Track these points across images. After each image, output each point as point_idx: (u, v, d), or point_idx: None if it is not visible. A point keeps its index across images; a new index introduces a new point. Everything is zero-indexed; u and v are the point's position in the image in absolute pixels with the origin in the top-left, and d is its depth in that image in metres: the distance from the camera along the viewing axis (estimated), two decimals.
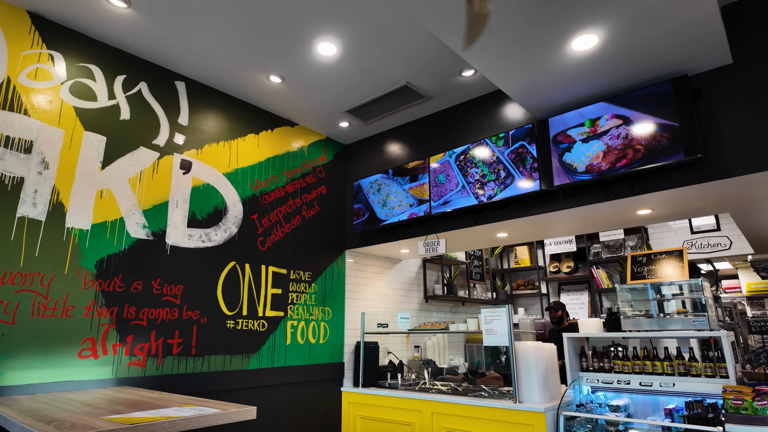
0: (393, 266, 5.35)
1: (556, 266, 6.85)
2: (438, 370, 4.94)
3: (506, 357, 5.45)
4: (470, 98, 4.10)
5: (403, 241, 4.40)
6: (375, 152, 4.74)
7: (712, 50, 2.69)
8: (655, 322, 3.35)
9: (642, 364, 3.35)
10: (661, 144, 2.84)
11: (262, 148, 4.21)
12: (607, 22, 2.48)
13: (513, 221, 3.74)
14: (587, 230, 4.23)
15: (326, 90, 3.95)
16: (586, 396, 3.48)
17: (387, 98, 4.05)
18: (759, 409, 2.42)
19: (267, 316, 3.94)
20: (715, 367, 3.05)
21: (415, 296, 5.62)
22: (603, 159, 3.09)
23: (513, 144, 3.61)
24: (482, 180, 3.72)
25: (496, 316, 3.58)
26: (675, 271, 3.39)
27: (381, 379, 4.46)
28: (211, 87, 3.93)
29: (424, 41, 3.29)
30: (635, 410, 3.44)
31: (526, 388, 3.36)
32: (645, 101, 2.96)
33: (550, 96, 3.25)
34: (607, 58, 2.80)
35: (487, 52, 2.76)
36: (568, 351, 3.59)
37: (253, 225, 3.99)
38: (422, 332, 4.59)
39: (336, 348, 4.48)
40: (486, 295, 6.56)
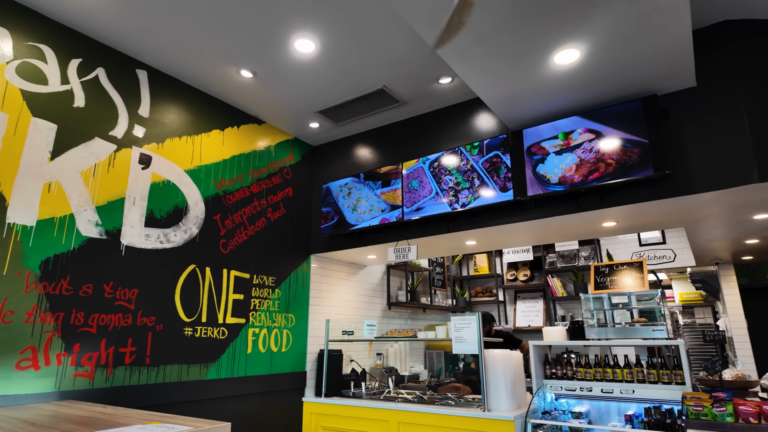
0: (358, 272, 5.26)
1: (513, 274, 7.02)
2: (400, 378, 4.88)
3: (464, 364, 5.50)
4: (446, 105, 4.11)
5: (372, 246, 4.32)
6: (345, 155, 4.65)
7: (679, 73, 2.85)
8: (615, 331, 3.48)
9: (603, 372, 3.46)
10: (631, 159, 2.96)
11: (227, 146, 4.00)
12: (589, 38, 2.55)
13: (484, 229, 3.77)
14: (550, 240, 4.35)
15: (299, 88, 3.82)
16: (551, 403, 3.55)
17: (361, 101, 3.98)
18: (718, 415, 2.55)
19: (228, 323, 3.73)
20: (671, 374, 3.20)
21: (379, 303, 5.55)
22: (576, 171, 3.18)
23: (487, 153, 3.65)
24: (456, 188, 3.73)
25: (466, 324, 3.58)
26: (635, 281, 3.55)
27: (344, 388, 4.34)
28: (175, 78, 3.69)
29: (404, 46, 3.26)
30: (596, 416, 3.55)
31: (494, 397, 3.38)
32: (617, 117, 3.08)
33: (527, 107, 3.32)
34: (584, 74, 2.89)
35: (471, 60, 2.76)
36: (534, 359, 3.65)
37: (215, 226, 3.77)
38: (390, 340, 4.52)
39: (299, 356, 4.32)
40: (447, 302, 6.60)
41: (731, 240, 4.34)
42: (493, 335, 5.16)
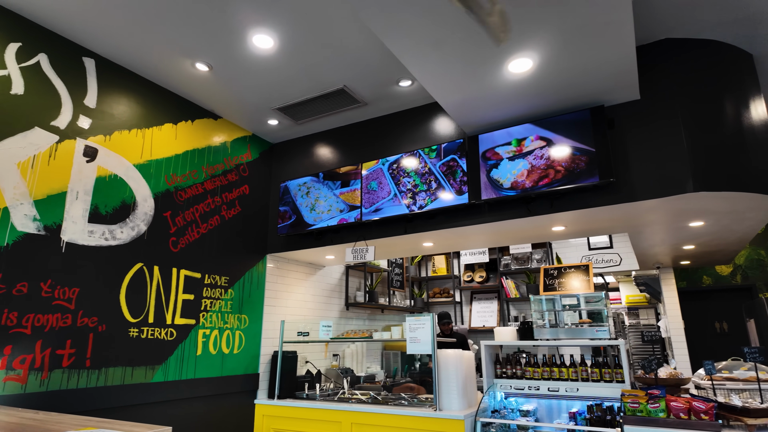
0: (315, 272, 5.21)
1: (469, 276, 7.16)
2: (356, 378, 4.88)
3: (420, 364, 5.56)
4: (406, 108, 4.14)
5: (330, 246, 4.30)
6: (305, 154, 4.60)
7: (624, 86, 2.99)
8: (562, 331, 3.61)
9: (550, 371, 3.59)
10: (579, 167, 3.09)
11: (180, 140, 3.87)
12: (541, 49, 2.64)
13: (440, 231, 3.83)
14: (504, 243, 4.46)
15: (257, 84, 3.75)
16: (500, 402, 3.65)
17: (321, 100, 3.95)
18: (652, 411, 2.69)
19: (176, 324, 3.60)
20: (612, 373, 3.36)
21: (336, 303, 5.52)
22: (527, 177, 3.28)
23: (445, 157, 3.70)
24: (414, 190, 3.76)
25: (420, 324, 3.63)
26: (581, 284, 3.70)
27: (298, 389, 4.29)
28: (125, 68, 3.54)
29: (365, 47, 3.26)
30: (544, 414, 3.68)
31: (446, 396, 3.43)
32: (566, 126, 3.20)
33: (483, 114, 3.39)
34: (537, 83, 2.99)
35: (429, 64, 2.80)
36: (485, 358, 3.74)
37: (165, 223, 3.64)
38: (346, 341, 4.51)
39: (251, 358, 4.23)
40: (405, 303, 6.65)
41: (670, 245, 4.61)
42: (449, 335, 5.26)
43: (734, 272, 6.91)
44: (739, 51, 3.27)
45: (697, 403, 2.63)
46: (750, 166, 3.01)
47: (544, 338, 3.64)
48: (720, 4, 2.85)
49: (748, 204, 3.17)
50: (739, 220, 3.57)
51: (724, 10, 2.90)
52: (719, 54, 3.20)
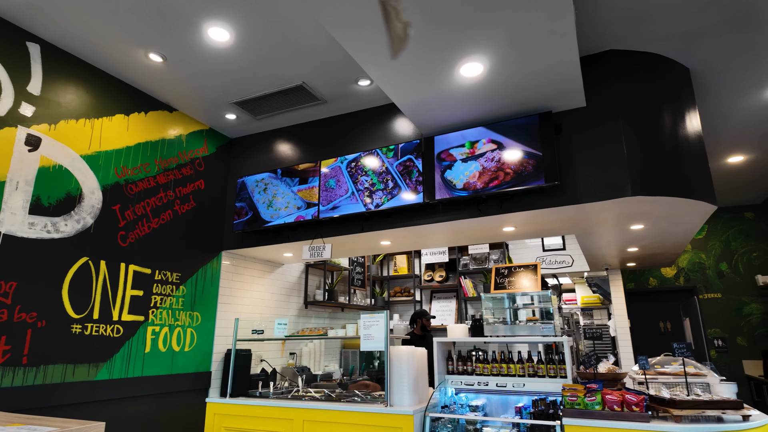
0: (274, 270, 5.17)
1: (429, 275, 7.27)
2: (313, 377, 4.87)
3: (379, 362, 5.61)
4: (365, 107, 4.17)
5: (287, 244, 4.28)
6: (263, 150, 4.56)
7: (570, 93, 3.13)
8: (511, 328, 3.73)
9: (499, 367, 3.70)
10: (527, 170, 3.20)
11: (133, 132, 3.77)
12: (490, 54, 2.73)
13: (397, 230, 3.88)
14: (460, 242, 4.57)
15: (214, 77, 3.70)
16: (450, 397, 3.73)
17: (280, 95, 3.93)
18: (589, 404, 2.83)
19: (123, 321, 3.51)
20: (557, 369, 3.50)
21: (295, 301, 5.49)
22: (478, 179, 3.38)
23: (402, 157, 3.76)
24: (371, 188, 3.80)
25: (374, 322, 3.66)
26: (530, 283, 3.83)
27: (252, 388, 4.25)
28: (74, 55, 3.41)
29: (324, 44, 3.28)
30: (492, 409, 3.79)
31: (397, 392, 3.48)
32: (516, 130, 3.31)
33: (438, 116, 3.47)
34: (488, 88, 3.08)
35: (384, 66, 2.84)
36: (437, 355, 3.81)
37: (113, 217, 3.53)
38: (300, 338, 4.49)
39: (203, 356, 4.16)
40: (365, 302, 6.68)
41: (617, 247, 4.83)
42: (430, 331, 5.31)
43: (678, 274, 7.30)
44: (677, 65, 3.47)
45: (629, 395, 2.78)
46: (684, 173, 3.20)
47: (494, 335, 3.75)
48: (660, 19, 3.03)
49: (683, 209, 3.38)
50: (675, 223, 3.79)
51: (663, 25, 3.08)
52: (659, 67, 3.39)
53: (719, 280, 7.05)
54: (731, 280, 6.98)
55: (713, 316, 6.96)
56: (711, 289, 7.06)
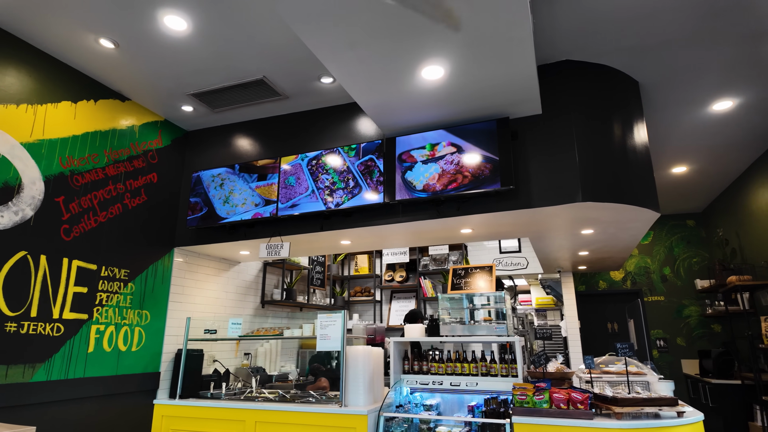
0: (230, 268, 5.04)
1: (390, 275, 7.30)
2: (267, 377, 4.79)
3: (337, 362, 5.57)
4: (328, 105, 4.14)
5: (244, 241, 4.18)
6: (221, 144, 4.43)
7: (527, 100, 3.22)
8: (466, 328, 3.80)
9: (453, 366, 3.76)
10: (484, 173, 3.27)
11: (80, 120, 3.58)
12: (450, 58, 2.77)
13: (357, 230, 3.87)
14: (420, 243, 4.61)
15: (170, 67, 3.57)
16: (405, 397, 3.76)
17: (240, 89, 3.84)
18: (537, 402, 2.92)
19: (65, 319, 3.32)
20: (509, 368, 3.59)
21: (252, 301, 5.38)
22: (438, 181, 3.42)
23: (363, 156, 3.75)
24: (332, 187, 3.77)
25: (331, 321, 3.64)
26: (485, 284, 3.91)
27: (204, 389, 4.13)
28: (16, 36, 3.20)
29: (286, 39, 3.22)
30: (446, 408, 3.84)
31: (352, 392, 3.47)
32: (475, 134, 3.38)
33: (400, 117, 3.48)
34: (449, 92, 3.12)
35: (346, 64, 2.82)
36: (393, 355, 3.83)
37: (57, 209, 3.34)
38: (254, 338, 4.40)
39: (152, 356, 4.00)
40: (325, 301, 6.63)
41: (568, 251, 5.02)
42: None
43: (625, 278, 7.66)
44: (627, 77, 3.64)
45: (575, 394, 2.89)
46: (631, 182, 3.36)
47: (449, 335, 3.80)
48: (612, 33, 3.16)
49: (629, 215, 3.54)
50: (622, 229, 3.98)
51: (615, 39, 3.22)
52: (611, 78, 3.54)
53: (662, 283, 7.45)
54: (673, 284, 7.40)
55: (656, 317, 7.35)
56: (655, 292, 7.45)
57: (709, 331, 7.08)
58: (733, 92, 3.91)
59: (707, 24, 3.07)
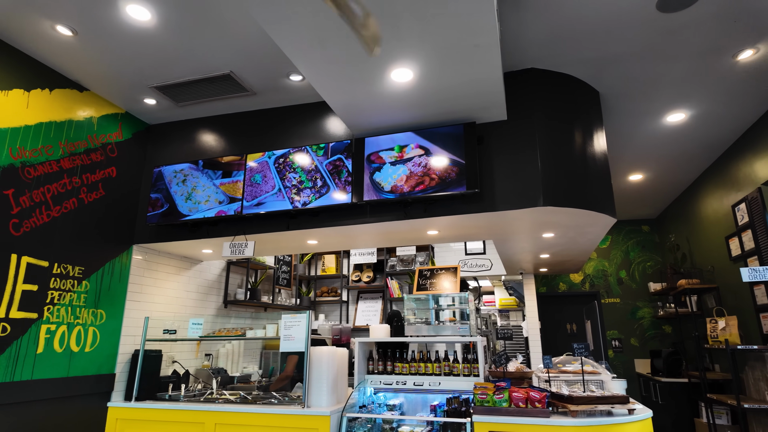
0: (191, 267, 4.91)
1: (357, 275, 7.29)
2: (229, 378, 4.69)
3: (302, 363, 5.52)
4: (297, 103, 4.10)
5: (207, 240, 4.09)
6: (185, 139, 4.32)
7: (493, 106, 3.29)
8: (431, 328, 3.85)
9: (417, 366, 3.80)
10: (450, 176, 3.32)
11: (33, 110, 3.40)
12: (419, 62, 2.80)
13: (324, 229, 3.85)
14: (388, 244, 4.63)
15: (132, 58, 3.44)
16: (369, 397, 3.77)
17: (206, 83, 3.75)
18: (497, 401, 2.98)
19: (12, 318, 3.15)
20: (471, 368, 3.65)
21: (214, 300, 5.26)
22: (405, 182, 3.45)
23: (332, 156, 3.74)
24: (299, 186, 3.74)
25: (296, 322, 3.61)
26: (450, 285, 3.97)
27: (162, 390, 4.00)
28: None
29: (255, 34, 3.17)
30: (409, 408, 3.87)
31: (315, 393, 3.45)
32: (443, 138, 3.42)
33: (370, 118, 3.49)
34: (418, 94, 3.16)
35: (316, 63, 2.81)
36: (358, 355, 3.83)
37: (5, 202, 3.17)
38: (215, 339, 4.30)
39: (107, 357, 3.85)
40: (290, 301, 6.56)
41: (530, 253, 5.16)
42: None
43: (584, 280, 7.94)
44: (589, 87, 3.78)
45: (533, 393, 2.98)
46: (589, 188, 3.49)
47: (414, 335, 3.84)
48: (575, 44, 3.28)
49: (587, 220, 3.68)
50: (581, 233, 4.12)
51: (578, 50, 3.34)
52: (574, 88, 3.66)
53: (618, 286, 7.76)
54: (628, 287, 7.72)
55: (612, 319, 7.65)
56: (611, 294, 7.76)
57: (660, 332, 7.43)
58: (685, 105, 4.12)
59: (663, 40, 3.23)
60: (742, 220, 4.81)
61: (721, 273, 5.46)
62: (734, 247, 5.06)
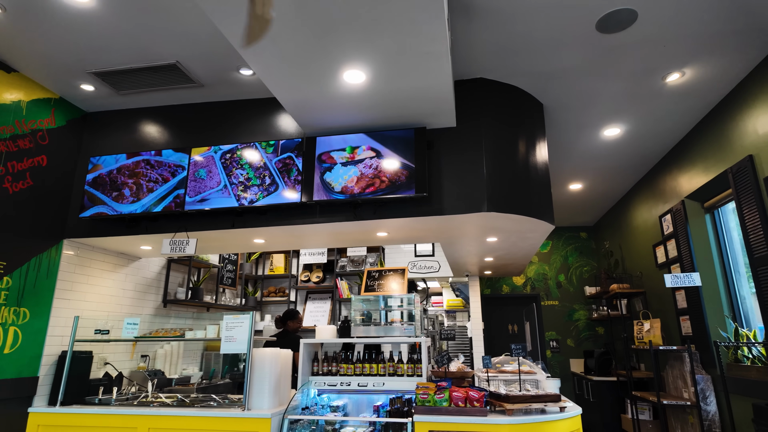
0: (129, 264, 4.66)
1: (307, 276, 7.21)
2: (167, 381, 4.50)
3: (245, 365, 5.38)
4: (247, 98, 4.00)
5: (146, 236, 3.90)
6: (126, 129, 4.10)
7: (443, 112, 3.37)
8: (377, 329, 3.87)
9: (362, 367, 3.81)
10: (400, 180, 3.37)
11: None
12: (371, 65, 2.82)
13: (272, 228, 3.78)
14: (338, 245, 4.62)
15: (69, 41, 3.23)
16: (313, 399, 3.74)
17: (150, 72, 3.58)
18: (438, 401, 3.05)
19: None
20: (414, 368, 3.71)
21: (153, 300, 5.02)
22: (356, 184, 3.46)
23: (282, 153, 3.68)
24: (246, 183, 3.65)
25: (238, 323, 3.51)
26: (398, 286, 4.02)
27: (92, 394, 3.77)
28: None
29: (204, 24, 3.07)
30: (353, 409, 3.88)
31: (257, 395, 3.38)
32: (394, 141, 3.46)
33: (322, 117, 3.47)
34: (370, 97, 3.18)
35: (266, 58, 2.76)
36: (303, 356, 3.79)
37: None
38: (152, 340, 4.11)
39: (30, 359, 3.58)
40: (235, 301, 6.38)
41: (476, 256, 5.32)
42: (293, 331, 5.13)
43: (526, 283, 8.28)
44: (534, 99, 3.95)
45: (472, 392, 3.07)
46: (531, 195, 3.65)
47: (360, 336, 3.85)
48: (522, 57, 3.41)
49: (528, 226, 3.84)
50: (522, 238, 4.30)
51: (525, 62, 3.48)
52: (519, 99, 3.82)
53: (557, 289, 8.16)
54: (566, 290, 8.13)
55: (550, 320, 8.03)
56: (551, 297, 8.14)
57: (594, 334, 7.88)
58: (620, 121, 4.40)
59: (602, 59, 3.43)
60: (667, 230, 5.20)
61: (648, 278, 5.88)
62: (660, 254, 5.46)
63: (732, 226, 4.51)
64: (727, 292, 4.46)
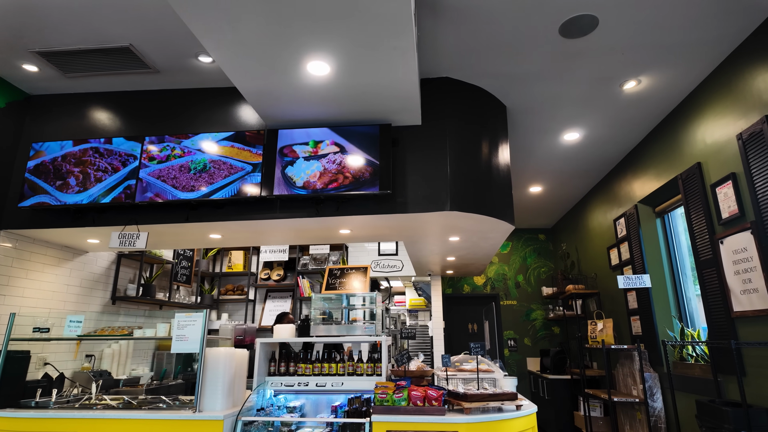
0: (74, 258, 4.39)
1: (267, 273, 7.04)
2: (113, 382, 4.27)
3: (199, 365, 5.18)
4: (206, 86, 3.84)
5: (93, 228, 3.68)
6: (74, 114, 3.85)
7: (408, 110, 3.35)
8: (338, 328, 3.80)
9: (321, 367, 3.73)
10: (364, 176, 3.32)
11: None
12: (335, 57, 2.75)
13: (229, 223, 3.65)
14: (299, 241, 4.51)
15: (8, 16, 2.99)
16: (268, 400, 3.63)
17: (100, 54, 3.37)
18: (396, 400, 3.02)
19: None
20: (374, 367, 3.67)
21: (100, 296, 4.75)
22: (319, 179, 3.38)
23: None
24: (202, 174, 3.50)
25: (190, 322, 3.36)
26: (360, 284, 3.96)
27: (29, 397, 3.51)
28: None
29: (161, 6, 2.91)
30: (312, 409, 3.79)
31: (210, 396, 3.25)
32: (359, 137, 3.41)
33: (284, 109, 3.37)
34: (335, 90, 3.11)
35: (226, 45, 2.64)
36: (259, 356, 3.67)
37: None
38: (98, 339, 3.88)
39: None
40: (190, 299, 6.14)
41: (438, 255, 5.34)
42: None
43: (486, 283, 8.42)
44: (497, 101, 4.00)
45: (431, 391, 3.06)
46: (492, 196, 3.68)
47: (319, 335, 3.77)
48: (486, 59, 3.43)
49: (489, 226, 3.88)
50: (483, 238, 4.34)
51: (489, 64, 3.51)
52: (483, 100, 3.85)
53: (516, 289, 8.34)
54: (525, 290, 8.32)
55: (509, 320, 8.19)
56: (510, 296, 8.31)
57: (550, 333, 8.09)
58: (579, 125, 4.52)
59: (563, 63, 3.50)
60: (621, 233, 5.40)
61: (602, 280, 6.09)
62: (614, 256, 5.66)
63: (680, 230, 4.72)
64: (674, 293, 4.67)
